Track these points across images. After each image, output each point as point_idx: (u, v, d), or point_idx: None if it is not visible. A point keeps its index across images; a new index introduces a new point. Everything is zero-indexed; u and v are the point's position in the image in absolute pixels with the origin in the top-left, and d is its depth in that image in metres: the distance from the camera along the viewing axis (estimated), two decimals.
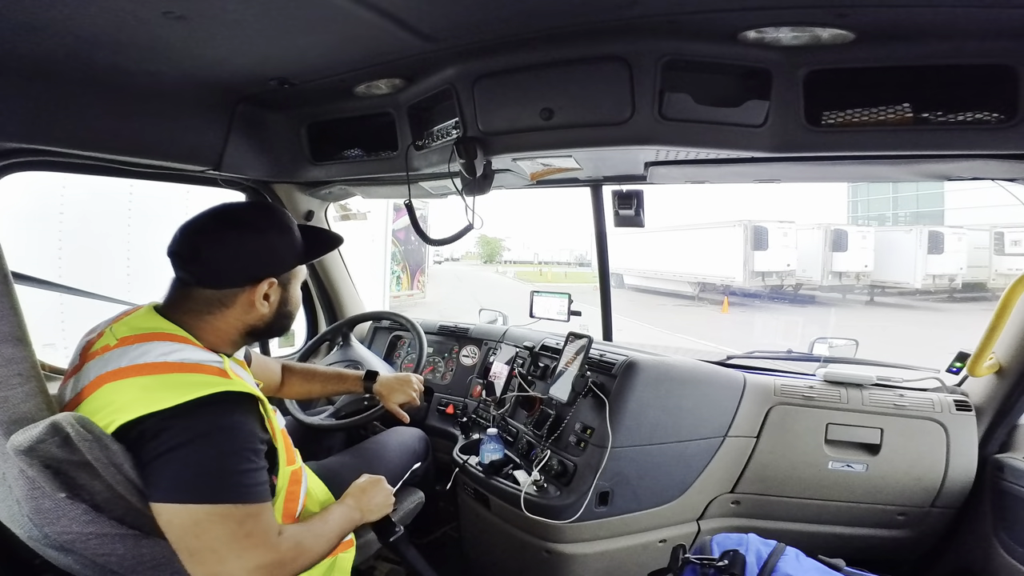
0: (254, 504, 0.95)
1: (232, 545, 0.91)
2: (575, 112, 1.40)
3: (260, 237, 1.10)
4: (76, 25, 1.14)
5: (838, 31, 1.16)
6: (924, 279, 16.48)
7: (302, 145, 1.95)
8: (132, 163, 1.76)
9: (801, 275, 17.34)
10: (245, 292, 1.08)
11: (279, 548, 0.97)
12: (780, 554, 1.25)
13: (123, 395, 0.93)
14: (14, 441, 0.84)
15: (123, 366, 0.96)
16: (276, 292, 1.12)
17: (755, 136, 1.35)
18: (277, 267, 1.11)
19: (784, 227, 16.72)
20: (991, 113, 1.20)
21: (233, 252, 1.07)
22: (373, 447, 1.73)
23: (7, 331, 0.92)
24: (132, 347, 0.99)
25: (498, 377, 2.18)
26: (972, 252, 16.59)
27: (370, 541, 1.47)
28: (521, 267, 37.58)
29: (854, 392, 1.82)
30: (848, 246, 16.83)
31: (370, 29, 1.22)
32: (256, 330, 1.14)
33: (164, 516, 0.91)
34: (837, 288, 17.65)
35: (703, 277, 17.78)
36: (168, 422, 0.91)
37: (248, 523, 0.93)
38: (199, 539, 0.90)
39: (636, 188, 1.93)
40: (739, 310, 16.36)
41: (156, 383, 0.93)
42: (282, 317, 1.17)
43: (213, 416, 0.94)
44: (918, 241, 16.35)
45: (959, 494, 1.77)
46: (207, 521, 0.90)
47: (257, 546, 0.93)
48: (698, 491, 1.77)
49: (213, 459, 0.92)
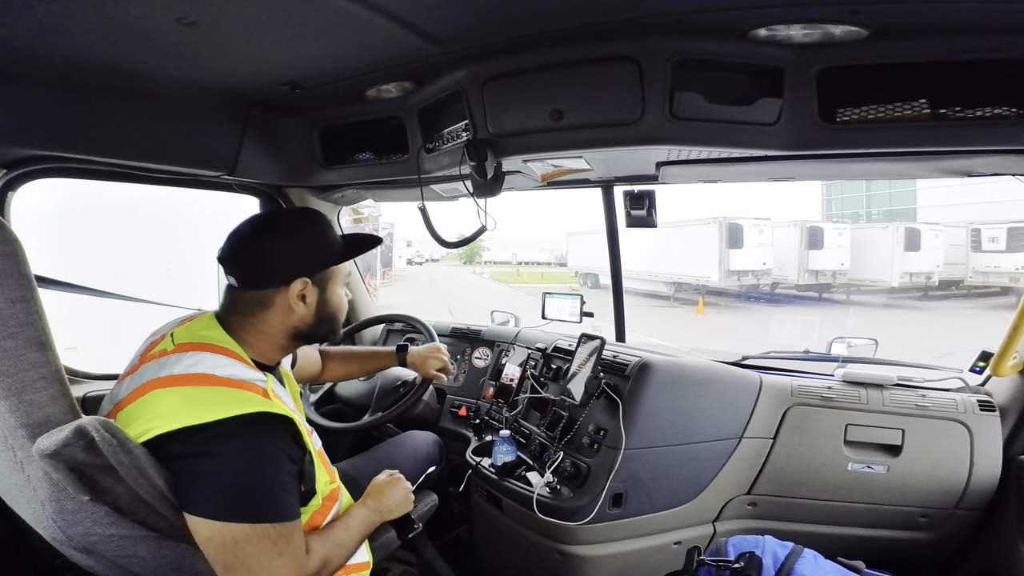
0: (288, 523, 0.99)
1: (265, 564, 0.95)
2: (585, 113, 1.39)
3: (292, 239, 1.15)
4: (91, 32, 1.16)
5: (851, 28, 1.14)
6: (901, 277, 16.03)
7: (314, 149, 1.96)
8: (149, 169, 1.79)
9: (777, 274, 16.78)
10: (280, 292, 1.12)
11: (306, 567, 1.02)
12: (797, 556, 1.24)
13: (167, 403, 0.96)
14: (40, 444, 0.86)
15: (175, 373, 1.00)
16: (312, 292, 1.15)
17: (768, 134, 1.33)
18: (309, 267, 1.15)
19: (760, 224, 16.11)
20: (1010, 108, 1.17)
21: (266, 254, 1.13)
22: (387, 451, 1.74)
23: (31, 335, 0.93)
24: (187, 355, 1.03)
25: (511, 379, 2.18)
26: (948, 249, 16.08)
27: (389, 540, 1.48)
28: (499, 267, 37.10)
29: (874, 392, 1.79)
30: (824, 244, 16.34)
31: (379, 33, 1.23)
32: (300, 332, 1.18)
33: (202, 531, 0.94)
34: (814, 287, 17.14)
35: (678, 277, 17.12)
36: (206, 437, 0.94)
37: (281, 543, 0.97)
38: (236, 556, 0.94)
39: (648, 188, 1.91)
40: (714, 311, 15.80)
41: (200, 395, 0.97)
42: (324, 319, 1.19)
43: (250, 436, 0.97)
44: (895, 238, 15.86)
45: (983, 496, 1.73)
46: (245, 540, 0.94)
47: (288, 565, 0.97)
48: (713, 493, 1.75)
49: (251, 477, 0.96)
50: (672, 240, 16.20)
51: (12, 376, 0.91)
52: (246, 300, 1.13)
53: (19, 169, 1.59)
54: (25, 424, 0.91)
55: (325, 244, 1.19)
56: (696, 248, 15.77)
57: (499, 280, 26.61)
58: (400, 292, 19.53)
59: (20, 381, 0.91)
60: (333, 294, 1.20)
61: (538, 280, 25.91)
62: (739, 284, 16.30)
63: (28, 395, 0.91)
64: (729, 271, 15.71)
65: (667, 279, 17.58)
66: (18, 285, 0.93)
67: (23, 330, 0.92)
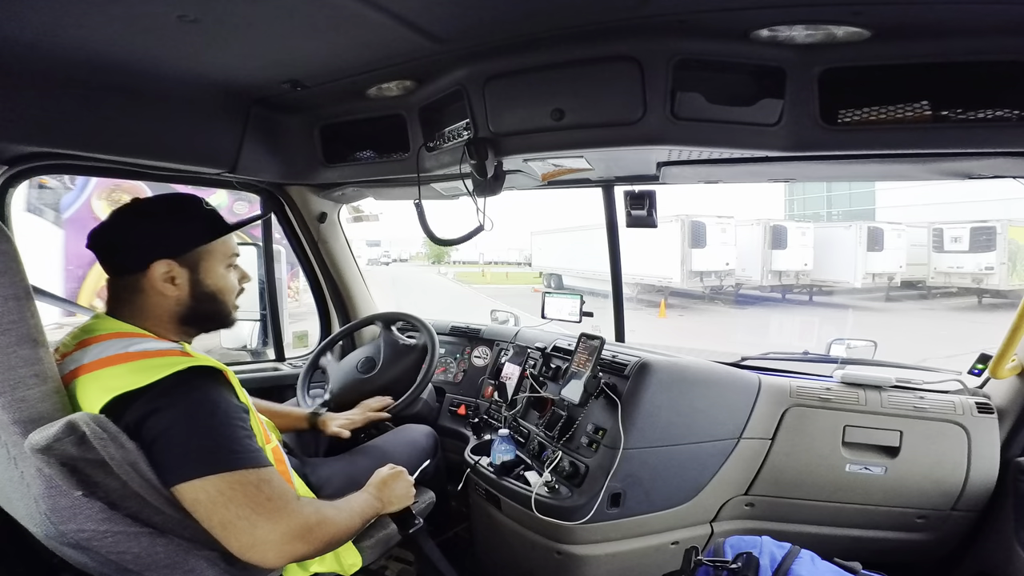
0: (263, 468, 0.99)
1: (259, 510, 0.94)
2: (586, 112, 1.39)
3: (147, 222, 1.14)
4: (92, 30, 1.16)
5: (853, 29, 1.14)
6: (864, 278, 15.72)
7: (315, 147, 1.96)
8: (149, 166, 1.79)
9: (741, 275, 16.25)
10: (146, 276, 1.11)
11: (303, 512, 1.00)
12: (795, 557, 1.24)
13: (89, 387, 0.96)
14: (32, 440, 0.86)
15: (85, 363, 0.99)
16: (182, 274, 1.13)
17: (769, 135, 1.33)
18: (169, 249, 1.12)
19: (723, 223, 15.53)
20: (1011, 110, 1.17)
21: (122, 239, 1.12)
22: (382, 445, 1.74)
23: (24, 333, 0.94)
24: (91, 347, 1.02)
25: (510, 378, 2.18)
26: (910, 249, 15.89)
27: (390, 535, 1.48)
28: (466, 267, 36.55)
29: (872, 394, 1.79)
30: (788, 243, 15.89)
31: (381, 31, 1.23)
32: (184, 316, 1.16)
33: (188, 496, 0.94)
34: (777, 288, 16.76)
35: (639, 278, 16.24)
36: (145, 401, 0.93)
37: (264, 488, 0.96)
38: (227, 509, 0.93)
39: (648, 188, 1.91)
40: (676, 313, 15.23)
41: (124, 370, 0.96)
42: (204, 300, 1.17)
43: (191, 390, 0.97)
44: (857, 238, 15.55)
45: (981, 497, 1.73)
46: (228, 489, 0.93)
47: (280, 510, 0.96)
48: (711, 493, 1.75)
49: (209, 430, 0.96)
50: (632, 239, 15.43)
51: (4, 373, 0.91)
52: (121, 287, 1.13)
53: (19, 166, 1.59)
54: (17, 420, 0.91)
55: (187, 225, 1.16)
56: (657, 247, 14.94)
57: (462, 281, 26.16)
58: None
59: (12, 378, 0.92)
60: (209, 274, 1.17)
61: (502, 281, 25.57)
62: (702, 285, 15.82)
63: (20, 392, 0.92)
64: (692, 272, 15.22)
65: (627, 280, 16.54)
66: (11, 283, 0.94)
67: (16, 327, 0.93)
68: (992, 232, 14.07)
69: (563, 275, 19.67)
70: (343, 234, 2.61)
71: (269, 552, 0.95)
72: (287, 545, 0.96)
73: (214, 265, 1.19)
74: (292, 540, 0.96)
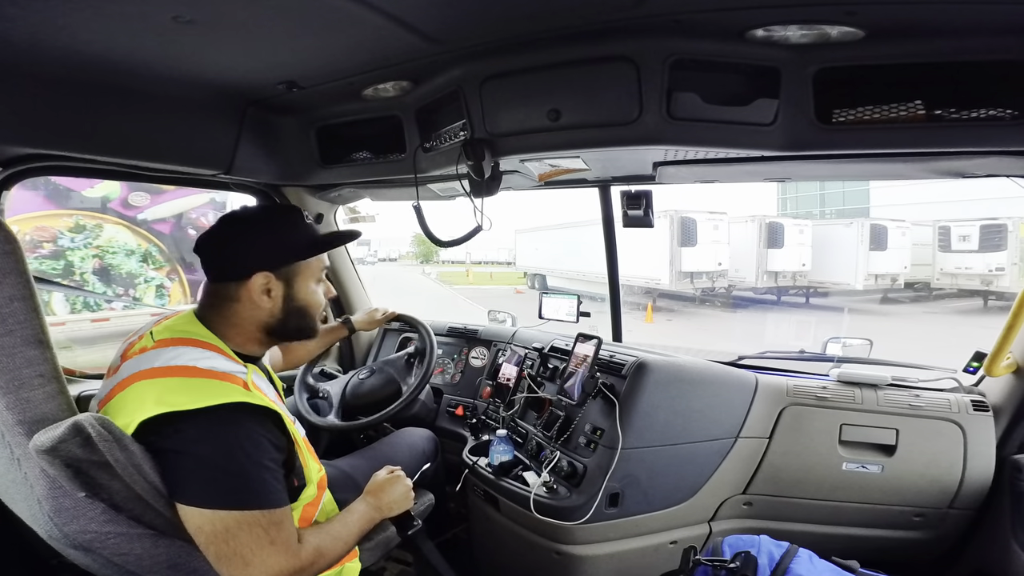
0: (277, 510, 0.99)
1: (258, 552, 0.95)
2: (583, 113, 1.39)
3: (253, 232, 1.17)
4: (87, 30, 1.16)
5: (847, 29, 1.15)
6: (866, 279, 14.46)
7: (311, 148, 1.96)
8: (145, 167, 1.78)
9: (734, 275, 14.97)
10: (243, 286, 1.12)
11: (299, 555, 1.02)
12: (793, 556, 1.24)
13: (149, 393, 0.97)
14: (36, 441, 0.86)
15: (156, 366, 1.00)
16: (278, 287, 1.15)
17: (765, 135, 1.33)
18: (271, 262, 1.15)
19: (715, 219, 14.24)
20: (1005, 110, 1.18)
21: (230, 247, 1.15)
22: (383, 448, 1.75)
23: (29, 334, 0.94)
24: (167, 349, 1.04)
25: (507, 378, 2.18)
26: (913, 249, 14.71)
27: (388, 537, 1.48)
28: (452, 267, 35.85)
29: (869, 392, 1.80)
30: (784, 242, 14.63)
31: (377, 32, 1.23)
32: (271, 327, 1.18)
33: (193, 520, 0.94)
34: (772, 290, 15.51)
35: (625, 279, 14.69)
36: (189, 425, 0.94)
37: (272, 531, 0.97)
38: (228, 545, 0.94)
39: (645, 188, 1.92)
40: (665, 317, 14.08)
41: (182, 385, 0.98)
42: (294, 314, 1.19)
43: (233, 424, 0.98)
44: (859, 236, 14.32)
45: (977, 495, 1.74)
46: (236, 527, 0.94)
47: (280, 553, 0.98)
48: (709, 492, 1.76)
49: (237, 465, 0.96)
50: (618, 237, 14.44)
51: (9, 373, 0.91)
52: (217, 294, 1.14)
53: (14, 167, 1.58)
54: (22, 421, 0.91)
55: (289, 239, 1.18)
56: (644, 246, 13.74)
57: (444, 281, 25.72)
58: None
59: (17, 378, 0.92)
60: (301, 289, 1.19)
61: (486, 281, 25.20)
62: (692, 287, 14.56)
63: (25, 392, 0.92)
64: (681, 272, 14.02)
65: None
66: (17, 283, 0.94)
67: (21, 328, 0.93)
68: (1003, 230, 13.11)
69: (547, 275, 18.86)
70: None
71: None
72: None
73: (307, 280, 1.21)
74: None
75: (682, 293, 14.82)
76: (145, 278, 7.74)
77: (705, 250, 14.11)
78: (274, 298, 1.15)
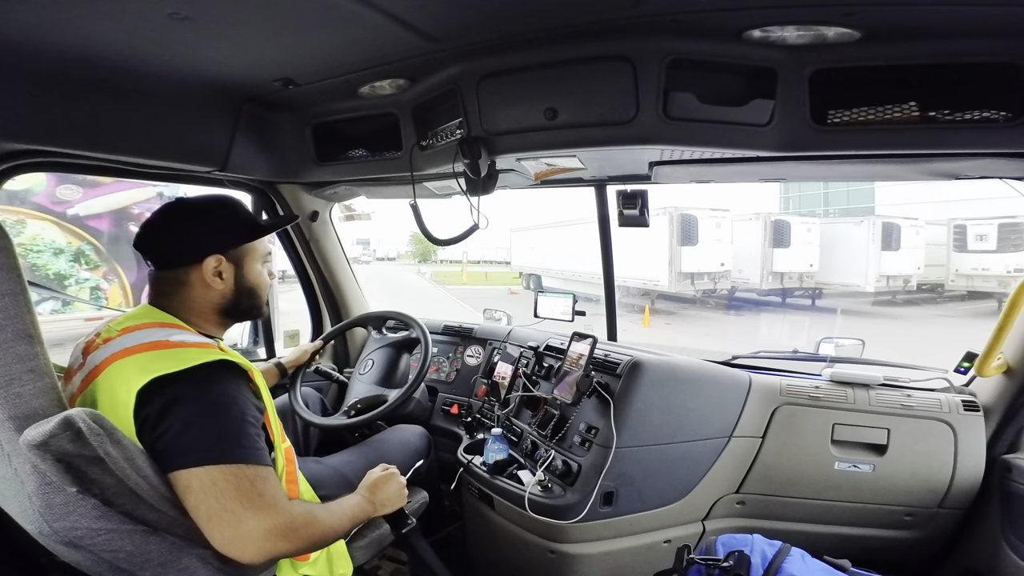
0: (261, 467, 1.01)
1: (247, 504, 0.96)
2: (579, 112, 1.40)
3: (202, 220, 1.22)
4: (82, 26, 1.15)
5: (844, 30, 1.16)
6: (877, 281, 13.42)
7: (307, 146, 1.95)
8: (140, 164, 1.77)
9: (737, 276, 14.03)
10: (196, 270, 1.18)
11: (291, 511, 1.02)
12: (785, 555, 1.25)
13: (130, 368, 0.99)
14: (27, 436, 0.86)
15: (129, 346, 1.03)
16: (228, 269, 1.21)
17: (760, 135, 1.34)
18: (221, 244, 1.20)
19: (717, 216, 13.34)
20: (998, 112, 1.19)
21: (179, 233, 1.20)
22: (376, 445, 1.74)
23: (20, 329, 0.93)
24: (134, 333, 1.07)
25: (503, 377, 2.18)
26: (926, 249, 13.82)
27: (382, 535, 1.48)
28: (446, 267, 35.42)
29: (860, 392, 1.81)
30: (791, 241, 13.57)
31: (374, 30, 1.23)
32: (224, 308, 1.23)
33: (182, 482, 0.96)
34: (776, 292, 14.41)
35: (622, 279, 13.19)
36: (173, 387, 0.98)
37: (259, 483, 0.98)
38: (217, 501, 0.95)
39: (640, 188, 1.92)
40: (663, 321, 13.12)
41: (159, 355, 1.01)
42: (245, 294, 1.25)
43: (215, 383, 1.02)
44: (870, 235, 13.26)
45: (967, 495, 1.75)
46: (222, 480, 0.95)
47: (270, 506, 0.98)
48: (703, 491, 1.76)
49: (219, 420, 0.99)
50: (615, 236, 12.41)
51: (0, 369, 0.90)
52: (167, 280, 1.19)
53: (8, 163, 1.57)
54: (12, 416, 0.90)
55: (235, 224, 1.25)
56: (642, 245, 12.80)
57: (438, 281, 25.40)
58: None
59: (8, 374, 0.91)
60: (250, 270, 1.26)
61: (481, 281, 24.98)
62: (693, 288, 13.59)
63: (16, 388, 0.91)
64: (681, 273, 13.16)
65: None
66: (7, 279, 0.93)
67: (12, 323, 0.92)
68: (1023, 229, 12.41)
69: (542, 276, 18.00)
70: (335, 233, 2.60)
71: (249, 547, 0.96)
72: (268, 542, 0.97)
73: (254, 262, 1.27)
74: (274, 538, 0.97)
75: (682, 295, 14.03)
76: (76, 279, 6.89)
77: (707, 249, 13.28)
78: (226, 279, 1.21)
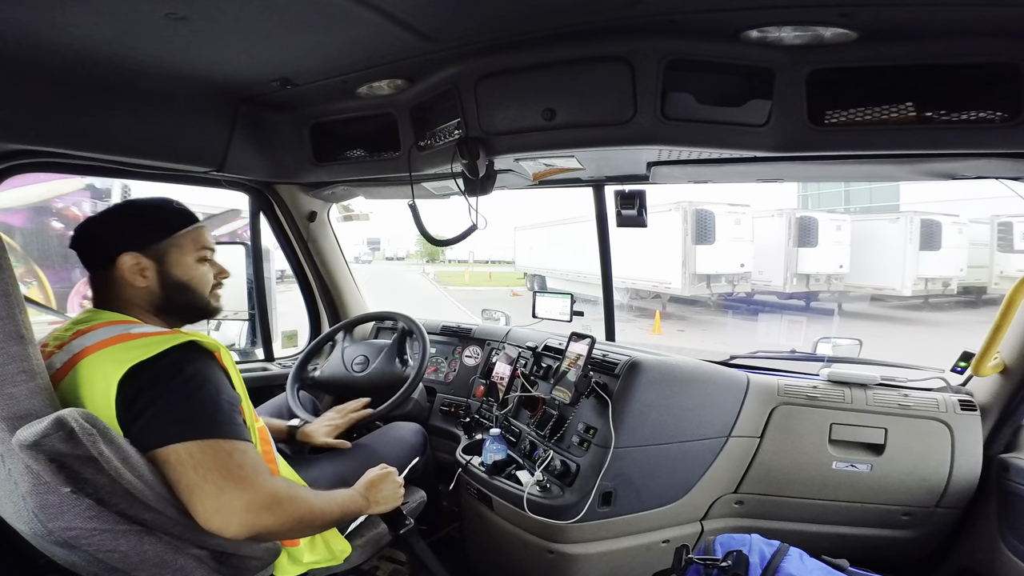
0: (240, 441, 1.01)
1: (228, 477, 0.96)
2: (577, 112, 1.40)
3: (118, 218, 1.23)
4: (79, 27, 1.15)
5: (841, 30, 1.16)
6: (915, 284, 12.03)
7: (305, 146, 1.95)
8: (136, 164, 1.77)
9: (758, 278, 12.63)
10: (116, 270, 1.16)
11: (273, 484, 1.02)
12: (784, 554, 1.25)
13: (103, 362, 0.99)
14: (20, 436, 0.85)
15: (93, 343, 1.03)
16: (150, 265, 1.18)
17: (758, 135, 1.34)
18: (132, 242, 1.17)
19: (737, 212, 12.00)
20: (995, 112, 1.19)
21: (93, 236, 1.19)
22: (371, 443, 1.74)
23: (12, 329, 0.93)
24: (90, 333, 1.06)
25: (501, 377, 2.18)
26: (968, 249, 12.40)
27: (380, 535, 1.48)
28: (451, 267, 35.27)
29: (858, 392, 1.82)
30: (819, 240, 12.20)
31: (371, 30, 1.23)
32: (159, 306, 1.21)
33: (160, 458, 0.96)
34: (799, 295, 12.96)
35: (632, 282, 12.79)
36: (145, 373, 0.97)
37: (237, 456, 0.98)
38: (196, 472, 0.95)
39: (638, 188, 1.92)
40: (675, 328, 11.85)
41: (129, 345, 1.01)
42: (175, 290, 1.22)
43: (187, 361, 1.02)
44: (908, 234, 11.87)
45: (964, 494, 1.76)
46: (201, 454, 0.96)
47: (250, 479, 0.98)
48: (701, 491, 1.76)
49: (196, 398, 1.00)
50: (625, 235, 8.82)
51: None
52: (100, 281, 1.19)
53: (5, 164, 1.57)
54: (5, 417, 0.90)
55: (146, 220, 1.22)
56: (654, 244, 11.67)
57: (441, 282, 25.18)
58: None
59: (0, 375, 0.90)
60: (176, 266, 1.22)
61: (484, 282, 24.84)
62: (709, 292, 12.28)
63: (8, 388, 0.91)
64: (696, 275, 11.89)
65: (618, 284, 10.50)
66: None
67: (3, 324, 0.92)
68: None
69: (547, 276, 17.01)
70: (333, 233, 2.59)
71: (232, 519, 0.95)
72: (251, 515, 0.96)
73: (182, 257, 1.23)
74: (257, 510, 0.97)
75: (697, 298, 12.67)
76: None
77: (725, 249, 11.94)
78: (148, 277, 1.18)
